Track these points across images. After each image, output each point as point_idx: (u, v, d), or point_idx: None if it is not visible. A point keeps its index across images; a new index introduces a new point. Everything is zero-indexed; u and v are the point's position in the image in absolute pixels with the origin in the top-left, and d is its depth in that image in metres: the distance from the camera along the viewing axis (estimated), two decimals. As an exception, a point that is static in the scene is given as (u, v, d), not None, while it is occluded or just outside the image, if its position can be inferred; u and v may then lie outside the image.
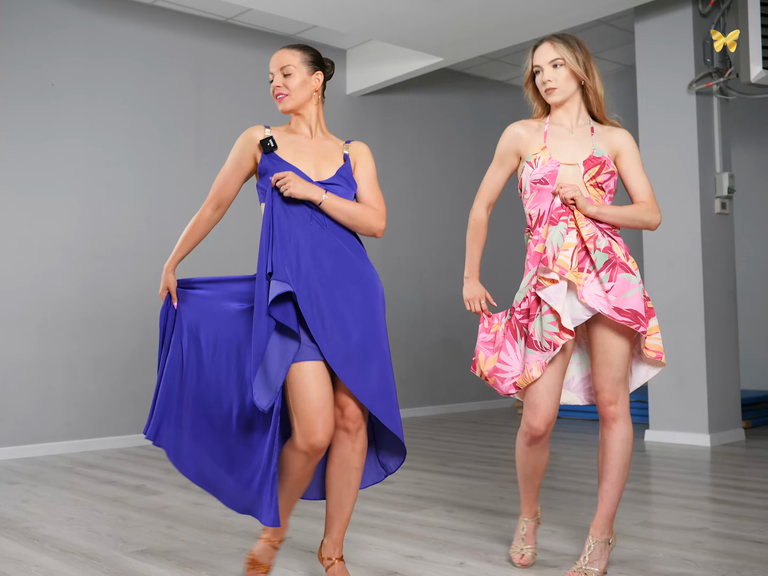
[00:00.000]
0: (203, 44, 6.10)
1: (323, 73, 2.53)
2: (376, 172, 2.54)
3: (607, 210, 2.52)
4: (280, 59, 2.49)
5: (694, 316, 5.27)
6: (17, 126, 5.28)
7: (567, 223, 2.50)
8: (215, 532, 3.23)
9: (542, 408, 2.51)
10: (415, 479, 4.26)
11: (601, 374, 2.53)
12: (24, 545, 3.07)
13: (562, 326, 2.43)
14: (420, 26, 5.50)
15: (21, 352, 5.23)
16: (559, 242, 2.48)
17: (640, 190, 2.60)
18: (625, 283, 2.47)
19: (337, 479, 2.44)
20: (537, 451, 2.61)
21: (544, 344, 2.46)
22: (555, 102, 2.61)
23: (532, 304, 2.53)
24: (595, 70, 2.60)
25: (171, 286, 2.51)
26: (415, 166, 7.31)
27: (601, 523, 2.56)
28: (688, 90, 5.35)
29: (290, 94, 2.48)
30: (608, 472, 2.54)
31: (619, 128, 2.66)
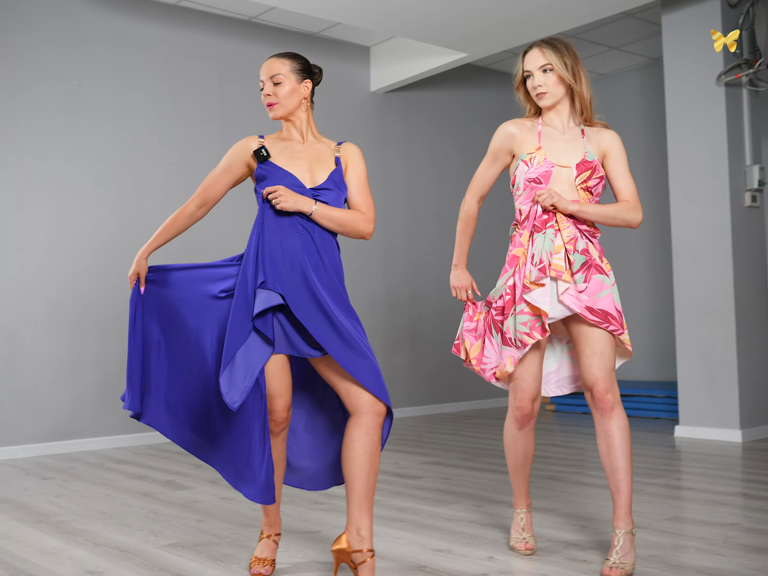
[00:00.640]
0: (227, 43, 6.13)
1: (312, 81, 2.64)
2: (367, 174, 2.63)
3: (587, 208, 2.62)
4: (270, 68, 2.60)
5: (725, 310, 5.22)
6: (45, 126, 5.35)
7: (553, 228, 2.63)
8: (245, 526, 3.25)
9: (527, 390, 2.68)
10: (443, 474, 4.26)
11: (593, 365, 2.59)
12: (58, 538, 3.12)
13: (534, 326, 2.58)
14: (444, 21, 5.49)
15: (52, 349, 5.30)
16: (550, 247, 2.60)
17: (624, 189, 2.69)
18: (599, 285, 2.58)
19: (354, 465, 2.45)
20: (527, 435, 2.75)
21: (516, 342, 2.62)
22: (546, 105, 2.71)
23: (507, 303, 2.67)
24: (583, 73, 2.68)
25: (141, 272, 2.60)
26: (439, 163, 7.30)
27: (624, 514, 2.57)
28: (717, 82, 5.29)
29: (280, 102, 2.59)
30: (618, 460, 2.57)
31: (607, 129, 2.76)
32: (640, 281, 7.41)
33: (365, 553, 2.40)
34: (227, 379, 2.41)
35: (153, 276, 2.63)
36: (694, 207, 5.40)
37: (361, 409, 2.43)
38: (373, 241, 6.81)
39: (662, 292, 7.16)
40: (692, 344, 5.36)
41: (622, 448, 2.56)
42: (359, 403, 2.44)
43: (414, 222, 7.13)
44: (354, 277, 6.65)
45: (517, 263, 2.65)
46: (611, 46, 7.01)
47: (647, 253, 7.39)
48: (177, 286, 2.62)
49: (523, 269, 2.63)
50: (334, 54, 6.65)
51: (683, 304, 5.42)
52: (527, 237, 2.65)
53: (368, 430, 2.42)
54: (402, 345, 6.95)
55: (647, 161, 7.38)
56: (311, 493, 3.83)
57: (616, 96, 7.66)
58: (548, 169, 2.63)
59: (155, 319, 2.61)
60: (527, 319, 2.59)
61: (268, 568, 2.62)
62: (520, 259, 2.64)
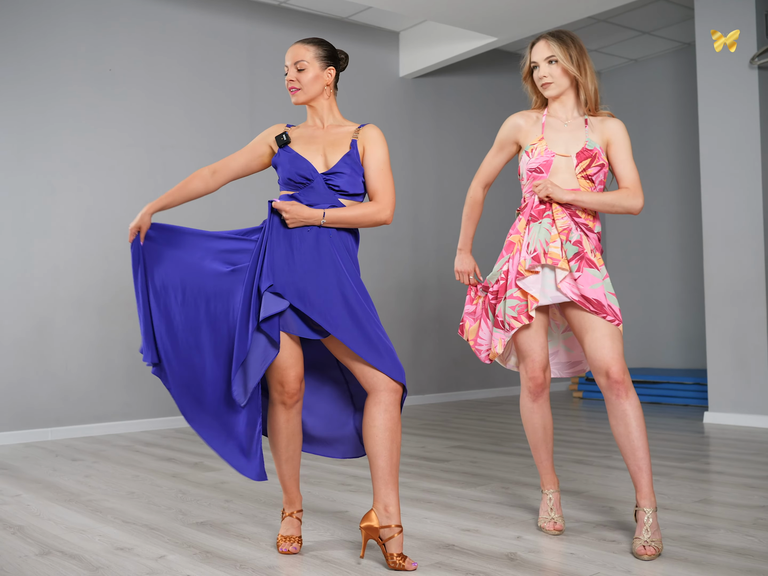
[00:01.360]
0: (257, 28, 6.14)
1: (336, 68, 2.66)
2: (387, 156, 2.60)
3: (584, 197, 2.66)
4: (295, 54, 2.62)
5: (756, 295, 5.15)
6: (77, 111, 5.39)
7: (550, 218, 2.69)
8: (272, 506, 3.27)
9: (537, 360, 2.75)
10: (470, 458, 4.26)
11: (605, 347, 2.60)
12: (88, 516, 3.16)
13: (522, 311, 2.67)
14: (474, 4, 5.46)
15: (82, 333, 5.36)
16: (545, 236, 2.67)
17: (626, 176, 2.71)
18: (589, 277, 2.63)
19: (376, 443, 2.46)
20: (543, 407, 2.80)
21: (505, 325, 2.71)
22: (551, 96, 2.76)
23: (500, 288, 2.76)
24: (588, 66, 2.73)
25: (143, 226, 2.62)
26: (468, 149, 7.27)
27: (649, 492, 2.56)
28: (750, 65, 5.22)
29: (302, 88, 2.62)
30: (638, 439, 2.57)
31: (612, 118, 2.78)
32: (670, 267, 7.33)
33: (393, 529, 2.41)
34: (239, 382, 2.47)
35: (155, 234, 2.64)
36: (725, 191, 5.33)
37: (377, 387, 2.46)
38: (402, 228, 6.80)
39: (693, 278, 7.08)
40: (722, 330, 5.30)
41: (639, 428, 2.57)
42: (374, 382, 2.46)
43: (443, 209, 7.11)
44: (383, 264, 6.65)
45: (512, 250, 2.75)
46: (643, 31, 6.92)
47: (677, 238, 7.30)
48: (179, 246, 2.63)
49: (518, 256, 2.72)
50: (364, 39, 6.64)
51: (714, 289, 5.36)
52: (524, 225, 2.74)
53: (386, 407, 2.44)
54: (430, 331, 6.94)
55: (679, 146, 7.30)
56: (338, 475, 3.84)
57: (647, 81, 7.57)
58: (548, 159, 2.71)
59: (155, 274, 2.62)
60: (516, 303, 2.69)
61: (296, 546, 2.64)
62: (515, 246, 2.74)
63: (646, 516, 2.54)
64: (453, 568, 2.43)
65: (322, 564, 2.51)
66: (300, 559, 2.56)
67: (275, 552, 2.64)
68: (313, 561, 2.54)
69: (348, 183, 2.56)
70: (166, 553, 2.65)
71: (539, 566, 2.44)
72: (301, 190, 2.57)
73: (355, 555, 2.58)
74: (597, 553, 2.55)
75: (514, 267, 2.72)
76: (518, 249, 2.72)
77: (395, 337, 6.66)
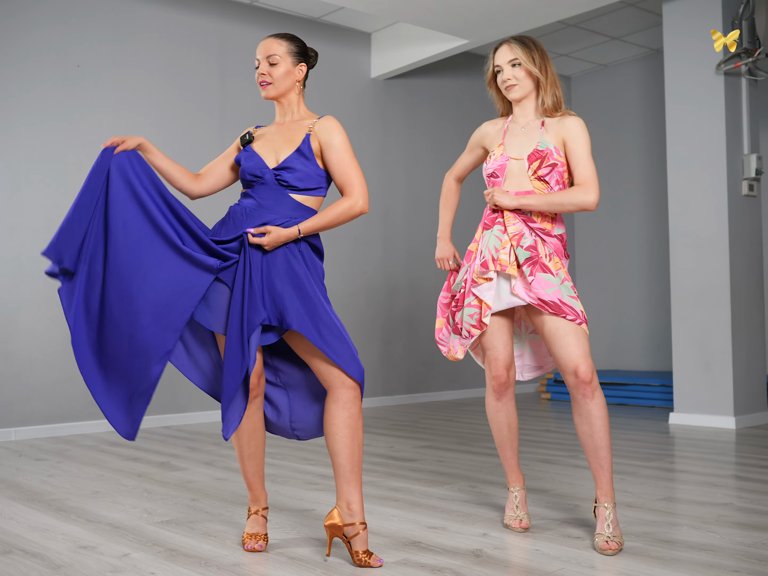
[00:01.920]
0: (228, 26, 6.12)
1: (307, 65, 2.65)
2: (347, 144, 2.55)
3: (530, 200, 2.67)
4: (267, 48, 2.61)
5: (721, 298, 5.22)
6: (43, 107, 5.33)
7: (501, 225, 2.73)
8: (239, 504, 3.25)
9: (500, 359, 2.78)
10: (438, 458, 4.26)
11: (570, 345, 2.61)
12: (51, 516, 3.11)
13: (480, 318, 2.71)
14: (445, 7, 5.48)
15: (47, 331, 5.29)
16: (496, 243, 2.71)
17: (579, 173, 2.69)
18: (542, 282, 2.65)
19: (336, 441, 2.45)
20: (507, 405, 2.82)
21: (464, 333, 2.76)
22: (515, 98, 2.78)
23: (461, 296, 2.81)
24: (550, 68, 2.77)
25: (128, 146, 2.51)
26: (439, 150, 7.29)
27: (609, 488, 2.60)
28: (716, 71, 5.29)
29: (273, 82, 2.61)
30: (602, 439, 2.60)
31: (570, 115, 2.76)
32: (638, 270, 7.41)
33: (357, 526, 2.41)
34: (227, 416, 2.42)
35: (131, 164, 2.49)
36: (692, 196, 5.40)
37: (334, 384, 2.43)
38: (373, 229, 6.80)
39: (659, 281, 7.16)
40: (688, 332, 5.37)
41: (603, 428, 2.60)
42: (331, 379, 2.43)
43: (413, 210, 7.12)
44: (354, 265, 6.64)
45: (470, 258, 2.81)
46: (612, 37, 7.00)
47: (645, 241, 7.39)
48: (151, 193, 2.47)
49: (473, 264, 2.76)
50: (335, 40, 6.64)
51: (679, 292, 5.42)
52: (480, 233, 2.80)
53: (345, 405, 2.42)
54: (400, 333, 6.94)
55: (646, 150, 7.38)
56: (305, 474, 3.83)
57: (616, 86, 7.65)
58: (503, 163, 2.75)
59: (114, 204, 2.46)
60: (474, 311, 2.73)
61: (261, 543, 2.62)
62: (472, 255, 2.80)
63: (607, 511, 2.57)
64: (419, 565, 2.43)
65: (287, 561, 2.50)
66: (265, 557, 2.55)
67: (241, 550, 2.63)
68: (278, 558, 2.53)
69: (298, 178, 2.53)
70: (129, 552, 2.62)
71: (505, 562, 2.45)
72: (254, 188, 2.57)
73: (321, 552, 2.58)
74: (562, 549, 2.56)
75: (470, 275, 2.76)
76: (474, 257, 2.78)
77: (365, 338, 6.66)
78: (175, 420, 5.71)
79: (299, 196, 2.55)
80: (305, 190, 2.56)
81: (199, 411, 5.83)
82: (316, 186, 2.58)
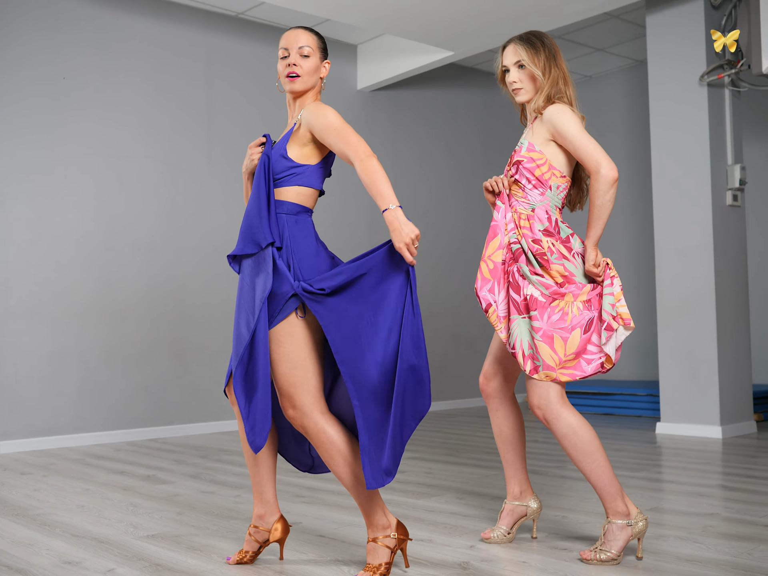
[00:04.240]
0: (215, 39, 6.12)
1: (329, 63, 2.53)
2: (336, 119, 2.34)
3: (593, 236, 2.56)
4: (298, 38, 2.46)
5: (706, 308, 5.25)
6: (29, 119, 5.31)
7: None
8: (225, 518, 3.23)
9: (484, 368, 2.84)
10: (425, 469, 4.26)
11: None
12: (35, 530, 3.09)
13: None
14: (431, 19, 5.51)
15: (33, 344, 5.25)
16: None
17: (581, 158, 2.56)
18: None
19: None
20: (495, 414, 2.82)
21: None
22: (522, 101, 2.72)
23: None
24: (560, 66, 2.69)
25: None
26: (425, 161, 7.31)
27: (605, 504, 2.56)
28: (700, 82, 5.33)
29: (302, 76, 2.46)
30: (577, 461, 2.65)
31: (549, 106, 2.63)
32: (624, 280, 7.43)
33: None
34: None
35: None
36: (676, 206, 5.44)
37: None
38: (360, 241, 6.80)
39: (645, 290, 7.19)
40: (674, 342, 5.39)
41: (573, 447, 2.60)
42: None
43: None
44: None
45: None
46: (597, 48, 7.04)
47: (630, 251, 7.42)
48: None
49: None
50: (320, 52, 6.64)
51: (665, 302, 5.45)
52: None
53: None
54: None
55: (631, 161, 7.42)
56: (294, 487, 3.82)
57: (601, 97, 7.70)
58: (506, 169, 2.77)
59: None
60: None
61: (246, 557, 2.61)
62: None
63: (605, 524, 2.57)
64: (406, 578, 2.42)
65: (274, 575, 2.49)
66: (253, 570, 2.54)
67: (227, 564, 2.61)
68: (266, 572, 2.52)
69: (279, 171, 2.43)
70: (115, 567, 2.60)
71: (492, 575, 2.45)
72: None
73: (308, 567, 2.56)
74: (549, 561, 2.56)
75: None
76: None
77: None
78: (162, 432, 5.68)
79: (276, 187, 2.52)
80: (275, 181, 2.50)
81: (186, 423, 5.80)
82: (280, 176, 2.49)
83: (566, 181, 2.67)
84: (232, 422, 6.00)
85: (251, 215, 2.40)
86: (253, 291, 2.36)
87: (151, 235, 5.77)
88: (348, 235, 6.69)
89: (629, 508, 2.55)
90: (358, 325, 2.30)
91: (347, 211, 6.73)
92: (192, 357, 5.87)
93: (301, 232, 2.43)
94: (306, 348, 2.37)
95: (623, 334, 2.53)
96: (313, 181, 2.48)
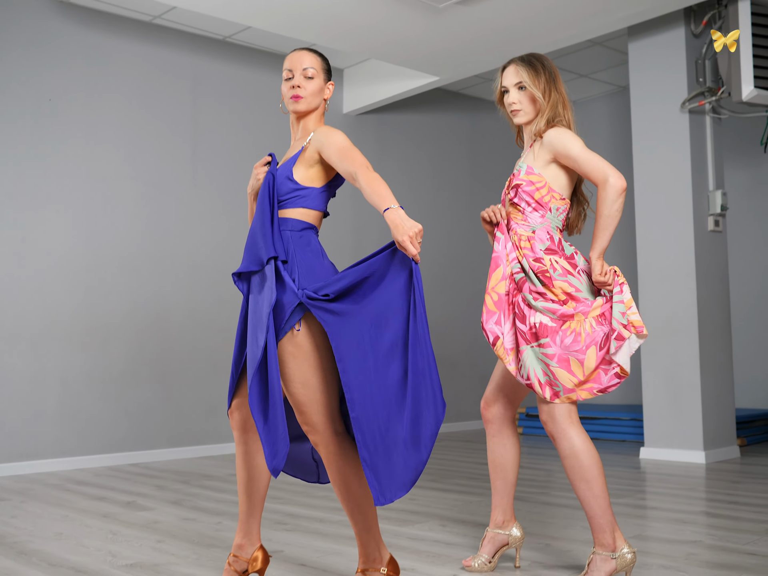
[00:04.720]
0: (201, 62, 6.13)
1: (333, 84, 2.55)
2: (345, 140, 2.39)
3: (599, 247, 2.59)
4: (302, 60, 2.48)
5: (689, 333, 5.27)
6: (14, 140, 5.29)
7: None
8: (206, 546, 3.20)
9: (486, 392, 2.85)
10: (409, 495, 4.23)
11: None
12: (12, 559, 3.04)
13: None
14: (417, 45, 5.55)
15: (13, 366, 5.20)
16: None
17: (587, 174, 2.57)
18: None
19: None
20: (492, 441, 2.82)
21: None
22: (520, 122, 2.71)
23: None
24: (559, 90, 2.68)
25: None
26: (411, 185, 7.33)
27: (594, 533, 2.55)
28: (681, 109, 5.39)
29: (306, 97, 2.48)
30: (576, 489, 2.64)
31: (549, 130, 2.64)
32: (607, 305, 7.46)
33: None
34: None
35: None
36: (658, 231, 5.47)
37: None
38: (347, 263, 6.78)
39: (629, 316, 7.21)
40: (657, 366, 5.40)
41: (571, 471, 2.59)
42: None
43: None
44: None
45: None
46: (580, 74, 7.11)
47: (614, 277, 7.44)
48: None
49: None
50: (305, 76, 6.66)
51: (648, 326, 5.46)
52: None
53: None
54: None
55: (614, 187, 7.47)
56: (276, 513, 3.78)
57: (585, 122, 7.76)
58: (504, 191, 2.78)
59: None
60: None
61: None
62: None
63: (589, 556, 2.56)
64: (387, 609, 2.40)
65: (254, 606, 2.45)
66: (232, 602, 2.50)
67: (206, 594, 2.58)
68: (245, 603, 2.49)
69: (285, 192, 2.44)
70: (92, 597, 2.56)
71: (474, 605, 2.42)
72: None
73: (288, 596, 2.53)
74: (532, 591, 2.54)
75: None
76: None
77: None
78: (143, 457, 5.62)
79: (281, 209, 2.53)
80: (279, 203, 2.50)
81: (167, 448, 5.74)
82: (284, 198, 2.49)
83: (566, 204, 2.68)
84: (216, 446, 5.95)
85: (255, 232, 2.40)
86: (261, 306, 2.35)
87: (136, 256, 5.74)
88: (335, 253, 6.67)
89: (616, 542, 2.52)
90: (362, 329, 2.28)
91: (333, 230, 6.73)
92: (175, 380, 5.82)
93: (306, 246, 2.42)
94: (311, 367, 2.32)
95: (636, 342, 2.49)
96: (317, 204, 2.48)
